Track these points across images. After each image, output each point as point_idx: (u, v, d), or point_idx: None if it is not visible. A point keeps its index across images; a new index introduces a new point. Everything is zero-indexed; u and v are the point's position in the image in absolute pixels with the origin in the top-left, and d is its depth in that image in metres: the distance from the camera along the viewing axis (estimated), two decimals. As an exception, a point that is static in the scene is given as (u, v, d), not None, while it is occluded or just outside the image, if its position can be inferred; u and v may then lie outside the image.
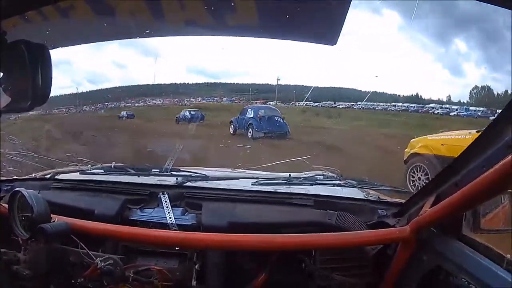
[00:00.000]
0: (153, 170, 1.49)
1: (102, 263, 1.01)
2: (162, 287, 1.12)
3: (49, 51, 0.68)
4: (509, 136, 0.72)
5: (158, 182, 1.38)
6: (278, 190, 1.34)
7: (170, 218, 1.23)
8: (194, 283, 1.18)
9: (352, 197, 1.31)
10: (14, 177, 1.46)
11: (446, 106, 6.36)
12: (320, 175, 1.47)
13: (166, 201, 1.28)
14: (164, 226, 1.21)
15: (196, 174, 1.43)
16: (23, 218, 1.04)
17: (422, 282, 1.02)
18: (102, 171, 1.48)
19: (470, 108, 6.10)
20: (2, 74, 0.66)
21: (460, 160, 0.89)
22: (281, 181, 1.39)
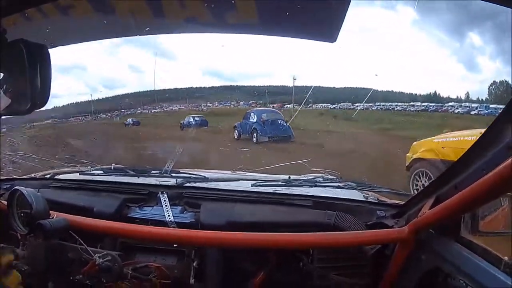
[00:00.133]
0: (152, 172, 1.50)
1: (100, 260, 1.01)
2: (161, 285, 1.12)
3: (48, 51, 0.68)
4: (509, 137, 0.71)
5: (158, 183, 1.39)
6: (277, 191, 1.34)
7: (169, 216, 1.24)
8: (192, 281, 1.19)
9: (351, 198, 1.31)
10: (14, 176, 1.48)
11: (466, 105, 6.16)
12: (319, 178, 1.47)
13: (165, 200, 1.29)
14: (162, 224, 1.22)
15: (195, 176, 1.44)
16: (22, 215, 1.05)
17: (421, 283, 1.02)
18: (102, 172, 1.49)
19: (491, 106, 5.85)
20: (1, 75, 0.66)
21: (460, 162, 0.88)
22: (280, 183, 1.39)
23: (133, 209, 1.29)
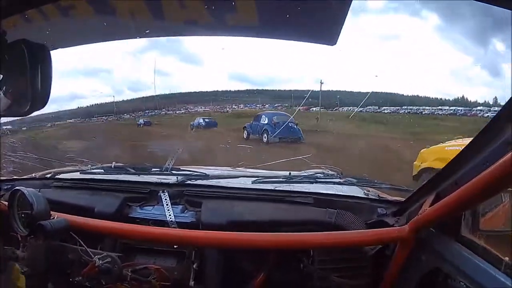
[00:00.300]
0: (153, 170, 1.50)
1: (100, 261, 1.01)
2: (160, 287, 1.12)
3: (49, 52, 0.68)
4: (509, 134, 0.72)
5: (158, 181, 1.39)
6: (277, 188, 1.34)
7: (170, 215, 1.23)
8: (192, 283, 1.18)
9: (352, 195, 1.30)
10: (14, 176, 1.48)
11: (495, 109, 6.12)
12: (320, 173, 1.47)
13: (166, 199, 1.29)
14: (163, 223, 1.22)
15: (196, 173, 1.43)
16: (23, 216, 1.05)
17: (421, 283, 1.01)
18: (102, 171, 1.49)
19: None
20: (2, 75, 0.66)
21: (460, 158, 0.88)
22: (281, 179, 1.39)
23: (134, 208, 1.28)
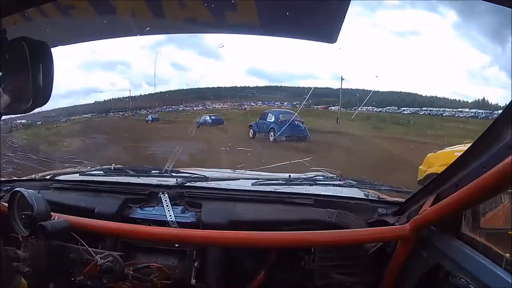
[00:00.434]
0: (153, 172, 1.49)
1: (101, 260, 1.01)
2: (162, 285, 1.12)
3: (50, 49, 0.67)
4: (509, 137, 0.72)
5: (158, 183, 1.39)
6: (277, 190, 1.34)
7: (170, 216, 1.23)
8: (193, 281, 1.19)
9: (352, 196, 1.31)
10: (14, 178, 1.47)
11: None
12: (320, 176, 1.47)
13: (166, 200, 1.28)
14: (164, 224, 1.22)
15: (196, 175, 1.43)
16: (23, 216, 1.04)
17: (422, 280, 1.02)
18: (102, 173, 1.49)
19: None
20: (2, 73, 0.66)
21: (460, 160, 0.89)
22: (281, 181, 1.40)
23: (134, 209, 1.28)
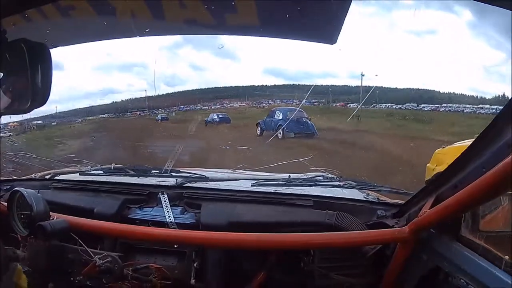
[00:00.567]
0: (152, 171, 1.50)
1: (100, 261, 1.01)
2: (161, 285, 1.12)
3: (49, 50, 0.68)
4: (508, 136, 0.72)
5: (158, 183, 1.39)
6: (277, 191, 1.34)
7: (169, 216, 1.23)
8: (193, 281, 1.19)
9: (351, 198, 1.31)
10: (14, 177, 1.48)
11: None
12: (319, 176, 1.47)
13: (165, 200, 1.29)
14: (163, 224, 1.22)
15: (195, 175, 1.44)
16: (22, 216, 1.05)
17: (421, 282, 1.02)
18: (102, 172, 1.49)
19: None
20: (2, 74, 0.66)
21: (460, 161, 0.88)
22: (280, 182, 1.39)
23: (133, 210, 1.28)
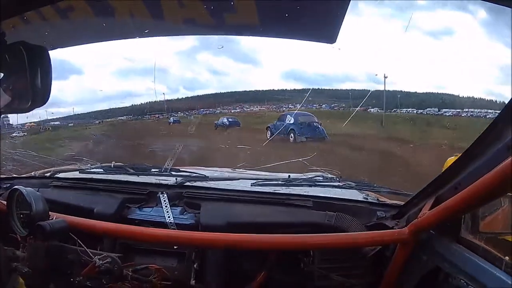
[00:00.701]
0: (152, 170, 1.50)
1: (100, 261, 1.01)
2: (161, 286, 1.12)
3: (48, 53, 0.68)
4: (508, 137, 0.71)
5: (158, 182, 1.39)
6: (277, 191, 1.34)
7: (169, 217, 1.23)
8: (192, 282, 1.19)
9: (351, 198, 1.30)
10: (13, 175, 1.48)
11: None
12: (319, 177, 1.47)
13: (165, 200, 1.28)
14: (162, 225, 1.22)
15: (195, 175, 1.44)
16: (22, 216, 1.05)
17: (421, 283, 1.02)
18: (102, 171, 1.49)
19: None
20: (2, 75, 0.67)
21: (459, 162, 0.88)
22: (280, 182, 1.39)
23: (133, 210, 1.28)
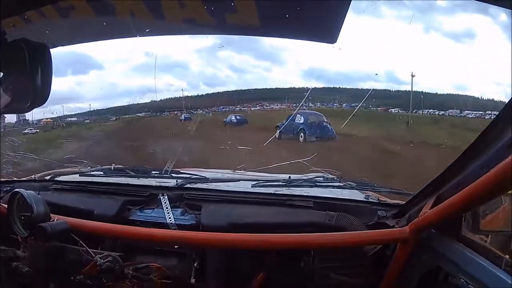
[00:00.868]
0: (152, 172, 1.49)
1: (101, 260, 1.01)
2: (161, 285, 1.12)
3: (49, 50, 0.68)
4: (508, 136, 0.72)
5: (158, 184, 1.39)
6: (277, 192, 1.34)
7: (170, 218, 1.23)
8: (193, 281, 1.19)
9: (352, 198, 1.30)
10: (14, 178, 1.47)
11: None
12: (320, 177, 1.47)
13: (165, 202, 1.28)
14: (163, 226, 1.22)
15: (196, 176, 1.43)
16: (23, 218, 1.05)
17: (422, 282, 1.02)
18: (102, 173, 1.49)
19: None
20: (2, 73, 0.67)
21: (460, 161, 0.88)
22: (280, 183, 1.39)
23: (133, 211, 1.28)
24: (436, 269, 0.98)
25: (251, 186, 1.37)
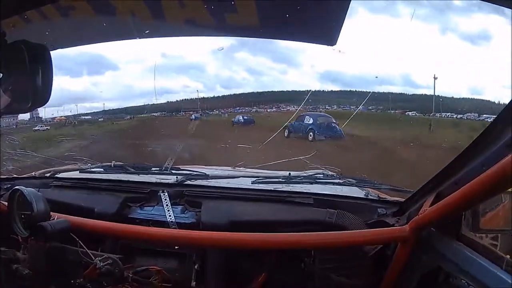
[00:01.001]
0: (153, 169, 1.49)
1: (101, 263, 1.01)
2: None
3: (49, 52, 0.68)
4: (508, 136, 0.72)
5: (158, 181, 1.39)
6: (277, 189, 1.34)
7: (170, 216, 1.23)
8: (193, 284, 1.18)
9: (352, 195, 1.30)
10: (14, 175, 1.47)
11: None
12: (320, 174, 1.47)
13: (166, 199, 1.28)
14: (163, 224, 1.22)
15: (196, 173, 1.43)
16: (23, 216, 1.04)
17: (422, 282, 1.02)
18: (102, 170, 1.49)
19: None
20: (2, 74, 0.67)
21: (460, 158, 0.89)
22: (280, 179, 1.39)
23: (134, 209, 1.28)
24: (436, 269, 0.97)
25: (251, 183, 1.37)
